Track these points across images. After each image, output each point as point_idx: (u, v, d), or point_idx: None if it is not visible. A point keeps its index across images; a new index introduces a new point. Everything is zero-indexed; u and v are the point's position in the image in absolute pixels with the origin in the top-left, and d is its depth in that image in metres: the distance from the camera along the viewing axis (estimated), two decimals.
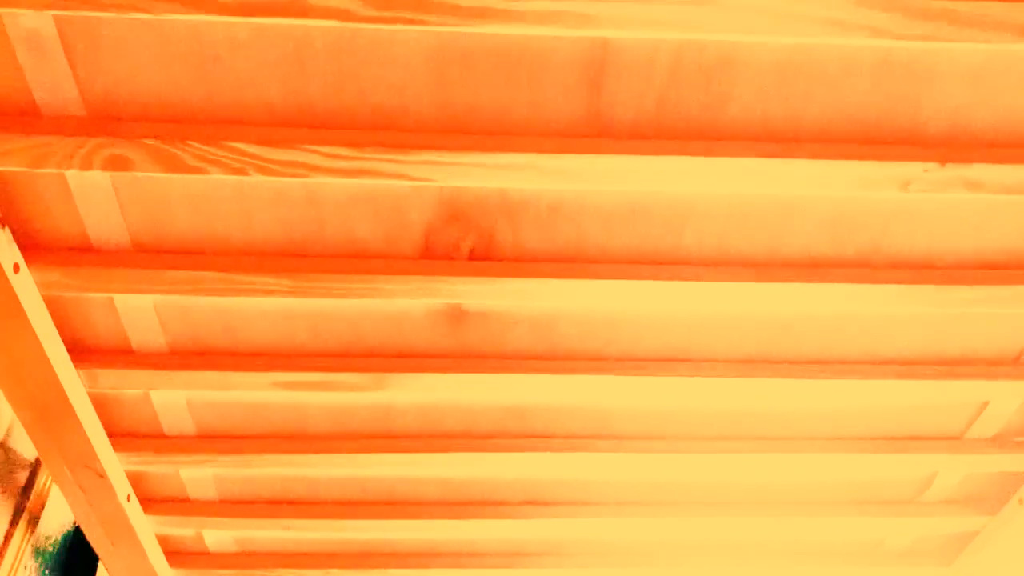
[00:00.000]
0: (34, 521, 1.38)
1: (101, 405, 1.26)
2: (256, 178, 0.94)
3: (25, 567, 1.36)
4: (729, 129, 0.92)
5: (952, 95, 0.91)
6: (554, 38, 0.85)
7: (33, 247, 1.02)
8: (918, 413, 1.36)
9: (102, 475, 1.24)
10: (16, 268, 0.97)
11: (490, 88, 0.89)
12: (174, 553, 1.62)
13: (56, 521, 1.46)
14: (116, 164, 0.88)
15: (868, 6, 0.78)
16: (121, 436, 1.32)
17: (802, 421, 1.35)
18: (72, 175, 0.95)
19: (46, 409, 1.12)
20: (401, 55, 0.86)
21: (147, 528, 1.45)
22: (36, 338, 1.02)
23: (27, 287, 0.99)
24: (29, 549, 1.37)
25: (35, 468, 1.38)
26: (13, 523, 1.33)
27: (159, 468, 1.34)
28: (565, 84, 0.89)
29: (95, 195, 0.97)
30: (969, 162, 0.94)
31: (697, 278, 1.06)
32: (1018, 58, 0.88)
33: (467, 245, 1.04)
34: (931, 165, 0.94)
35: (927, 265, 1.08)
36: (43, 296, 1.03)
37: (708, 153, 0.92)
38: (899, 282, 1.07)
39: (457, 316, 1.15)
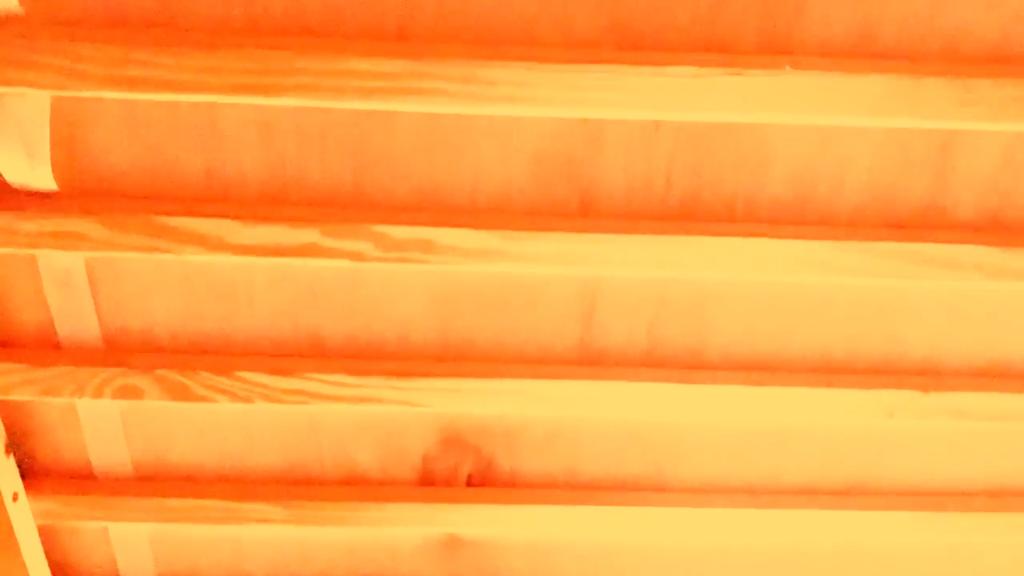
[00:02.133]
0: None
1: None
2: (260, 406, 0.96)
3: None
4: (716, 359, 0.96)
5: (929, 326, 0.96)
6: (548, 275, 0.91)
7: (34, 474, 1.02)
8: None
9: None
10: (15, 497, 0.97)
11: (488, 320, 0.94)
12: None
13: None
14: (127, 393, 0.91)
15: (844, 249, 0.85)
16: None
17: None
18: (82, 403, 0.98)
19: None
20: (406, 290, 0.91)
21: None
22: (25, 570, 1.00)
23: (23, 516, 0.99)
24: None
25: None
26: None
27: None
28: (559, 316, 0.93)
29: (102, 423, 0.99)
30: (951, 390, 0.98)
31: (693, 505, 1.06)
32: (987, 293, 0.94)
33: (465, 471, 1.05)
34: (914, 394, 0.97)
35: (921, 492, 1.09)
36: (38, 525, 1.03)
37: (697, 381, 0.95)
38: (893, 509, 1.07)
39: (453, 545, 1.14)
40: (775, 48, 0.76)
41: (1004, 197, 0.86)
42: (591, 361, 0.97)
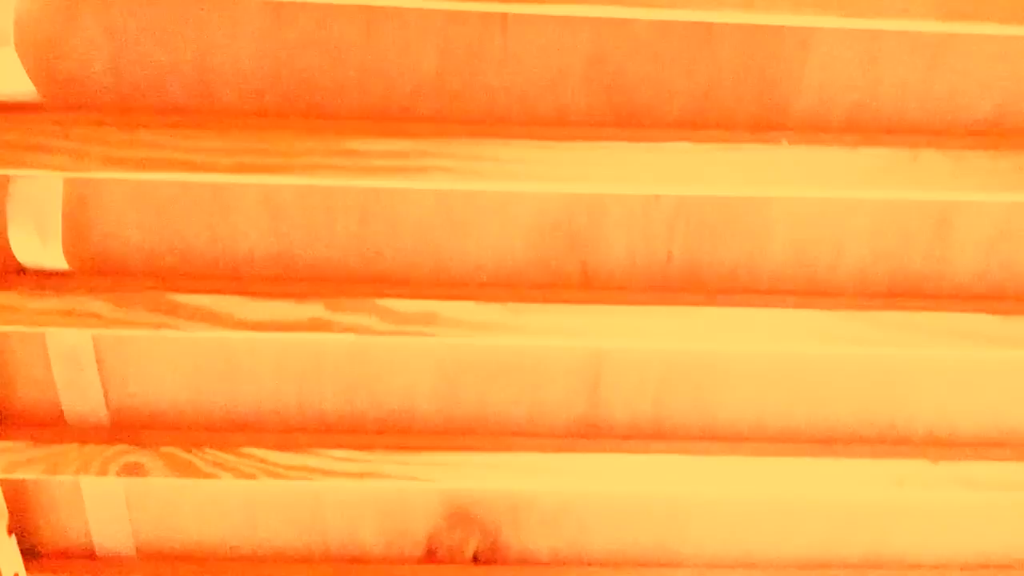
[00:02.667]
0: None
1: None
2: (264, 482, 0.96)
3: None
4: (723, 430, 0.96)
5: (936, 395, 0.96)
6: (552, 347, 0.91)
7: (35, 554, 1.01)
8: None
9: None
10: None
11: (493, 392, 0.93)
12: None
13: None
14: (132, 471, 0.91)
15: (846, 318, 0.85)
16: None
17: None
18: (86, 481, 0.97)
19: None
20: (411, 364, 0.91)
21: None
22: None
23: None
24: None
25: None
26: None
27: None
28: (564, 388, 0.93)
29: (106, 501, 0.99)
30: (961, 459, 0.97)
31: None
32: (993, 361, 0.94)
33: (471, 548, 1.04)
34: (923, 463, 0.96)
35: (933, 565, 1.07)
36: None
37: (704, 453, 0.94)
38: None
39: None
40: (771, 123, 0.78)
41: (1003, 265, 0.87)
42: (597, 434, 0.96)
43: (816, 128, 0.79)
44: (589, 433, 0.96)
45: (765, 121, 0.79)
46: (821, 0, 0.70)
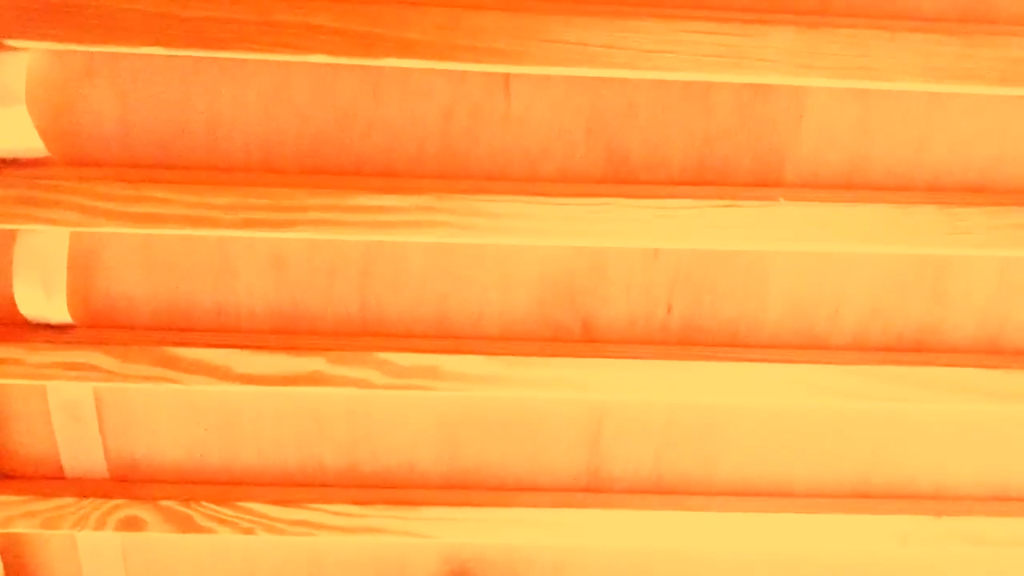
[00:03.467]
0: None
1: None
2: (262, 537, 0.95)
3: None
4: (725, 485, 0.95)
5: (938, 450, 0.95)
6: (553, 401, 0.91)
7: None
8: None
9: None
10: None
11: (494, 447, 0.93)
12: None
13: None
14: (130, 525, 0.90)
15: (845, 373, 0.85)
16: None
17: None
18: (82, 534, 0.96)
19: None
20: (411, 418, 0.91)
21: None
22: None
23: None
24: None
25: None
26: None
27: None
28: (565, 443, 0.93)
29: (102, 555, 0.98)
30: (964, 515, 0.96)
31: None
32: (994, 416, 0.94)
33: None
34: (927, 519, 0.95)
35: None
36: None
37: (706, 509, 0.94)
38: None
39: None
40: (768, 180, 0.79)
41: (1002, 319, 0.88)
42: (598, 488, 0.96)
43: (812, 185, 0.80)
44: (590, 488, 0.95)
45: (762, 178, 0.80)
46: (813, 61, 0.72)
